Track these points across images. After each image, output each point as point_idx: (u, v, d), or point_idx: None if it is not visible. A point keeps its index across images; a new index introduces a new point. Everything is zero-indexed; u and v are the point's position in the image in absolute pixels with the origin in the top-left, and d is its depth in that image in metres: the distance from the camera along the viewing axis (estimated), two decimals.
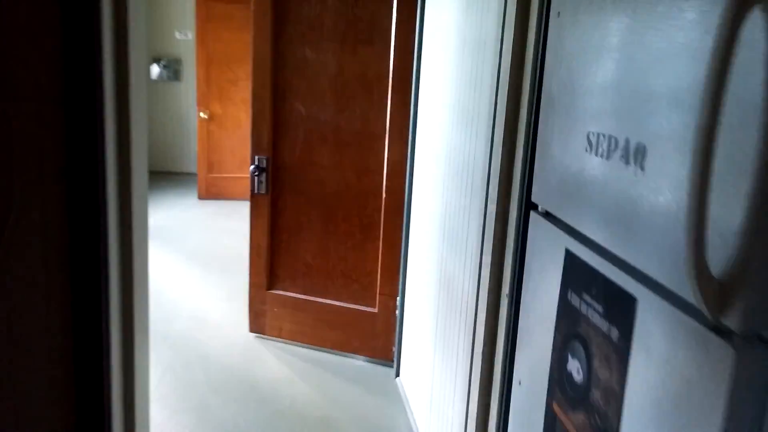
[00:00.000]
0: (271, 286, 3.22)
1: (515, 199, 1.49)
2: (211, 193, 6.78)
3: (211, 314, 3.59)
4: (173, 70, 8.02)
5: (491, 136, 1.66)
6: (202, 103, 6.57)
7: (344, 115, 2.98)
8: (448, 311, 2.11)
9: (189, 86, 8.09)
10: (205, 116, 6.58)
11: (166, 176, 7.98)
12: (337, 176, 3.03)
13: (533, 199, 1.37)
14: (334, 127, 3.00)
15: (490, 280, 1.61)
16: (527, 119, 1.44)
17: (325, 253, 3.10)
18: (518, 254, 1.47)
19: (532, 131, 1.42)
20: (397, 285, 2.93)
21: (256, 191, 3.15)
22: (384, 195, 2.92)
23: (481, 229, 1.70)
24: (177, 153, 8.26)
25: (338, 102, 2.98)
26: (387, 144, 2.88)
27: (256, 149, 3.11)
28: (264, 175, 3.12)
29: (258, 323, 3.26)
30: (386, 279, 2.97)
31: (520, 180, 1.46)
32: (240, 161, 6.80)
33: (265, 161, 3.10)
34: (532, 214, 1.38)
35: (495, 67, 1.66)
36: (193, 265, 4.48)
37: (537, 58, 1.40)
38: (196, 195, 6.82)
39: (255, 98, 3.08)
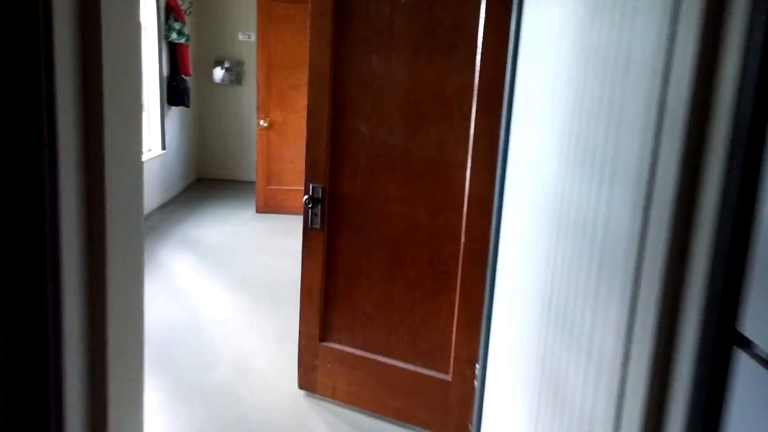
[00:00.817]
0: (324, 336, 2.75)
1: (694, 314, 0.94)
2: (269, 206, 6.42)
3: (256, 360, 3.16)
4: (235, 73, 7.74)
5: (646, 198, 1.11)
6: (262, 109, 6.22)
7: (416, 138, 2.47)
8: (554, 420, 1.56)
9: (251, 90, 7.80)
10: (265, 124, 6.22)
11: (226, 185, 7.71)
12: (405, 212, 2.52)
13: (743, 329, 0.82)
14: (403, 152, 2.49)
15: (643, 423, 1.06)
16: (722, 185, 0.89)
17: (389, 304, 2.60)
18: (702, 404, 0.92)
19: (735, 207, 0.87)
20: (477, 350, 2.39)
21: (309, 225, 2.68)
22: (463, 238, 2.40)
23: (625, 336, 1.15)
24: (237, 161, 7.99)
25: (409, 123, 2.47)
26: (468, 176, 2.35)
27: (310, 176, 2.65)
28: (319, 206, 2.65)
29: (308, 379, 2.79)
30: (463, 341, 2.44)
31: (706, 288, 0.90)
32: (300, 173, 6.41)
33: (320, 191, 2.63)
34: (741, 355, 0.83)
35: (654, 96, 1.11)
36: (242, 293, 4.08)
37: (751, 91, 0.85)
38: (253, 208, 6.48)
39: (310, 115, 2.61)
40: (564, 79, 1.65)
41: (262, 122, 6.22)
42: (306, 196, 2.65)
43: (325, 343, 2.74)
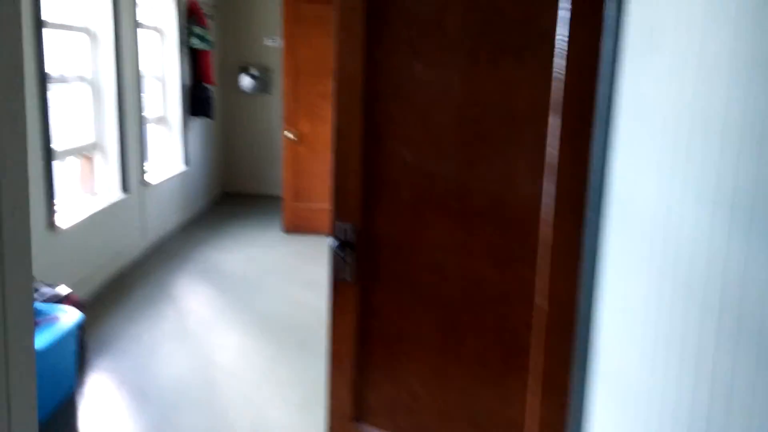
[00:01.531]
0: (359, 416, 2.21)
1: None
2: (297, 225, 5.94)
3: None
4: (262, 81, 7.30)
5: None
6: (289, 120, 5.75)
7: (475, 168, 1.91)
8: None
9: (279, 99, 7.34)
10: (292, 136, 5.74)
11: (252, 201, 7.27)
12: (461, 263, 1.97)
13: None
14: (458, 186, 1.94)
15: None
16: None
17: (443, 382, 2.05)
18: None
19: None
20: None
21: (338, 276, 2.15)
22: (536, 301, 1.83)
23: None
24: (264, 174, 7.54)
25: (466, 148, 1.92)
26: (547, 220, 1.79)
27: (339, 213, 2.12)
28: (349, 252, 2.12)
29: None
30: None
31: None
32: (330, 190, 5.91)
33: (351, 232, 2.10)
34: None
35: None
36: (264, 337, 3.58)
37: None
38: (281, 227, 6.00)
39: (339, 137, 2.08)
40: (728, 95, 1.07)
41: (288, 134, 5.74)
42: (334, 240, 2.12)
43: (360, 425, 2.20)
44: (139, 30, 4.96)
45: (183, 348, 3.39)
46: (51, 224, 3.58)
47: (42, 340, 2.50)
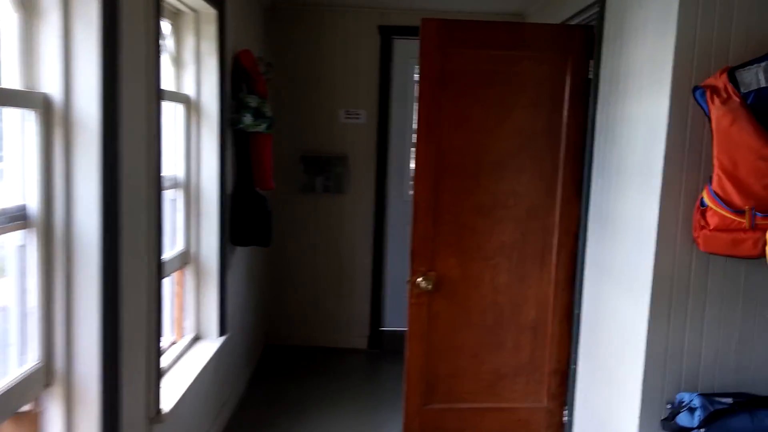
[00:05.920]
0: None
1: None
2: None
3: None
4: (335, 175, 4.88)
5: None
6: (420, 253, 3.23)
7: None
8: None
9: (356, 202, 4.93)
10: (427, 286, 3.22)
11: (314, 360, 4.71)
12: None
13: None
14: None
15: None
16: None
17: None
18: None
19: None
20: None
21: None
22: None
23: None
24: (336, 319, 5.03)
25: None
26: None
27: None
28: None
29: None
30: None
31: None
32: (492, 373, 3.34)
33: None
34: None
35: None
36: None
37: None
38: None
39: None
40: None
41: (421, 282, 3.21)
42: None
43: None
44: (162, 104, 2.53)
45: None
46: None
47: None
